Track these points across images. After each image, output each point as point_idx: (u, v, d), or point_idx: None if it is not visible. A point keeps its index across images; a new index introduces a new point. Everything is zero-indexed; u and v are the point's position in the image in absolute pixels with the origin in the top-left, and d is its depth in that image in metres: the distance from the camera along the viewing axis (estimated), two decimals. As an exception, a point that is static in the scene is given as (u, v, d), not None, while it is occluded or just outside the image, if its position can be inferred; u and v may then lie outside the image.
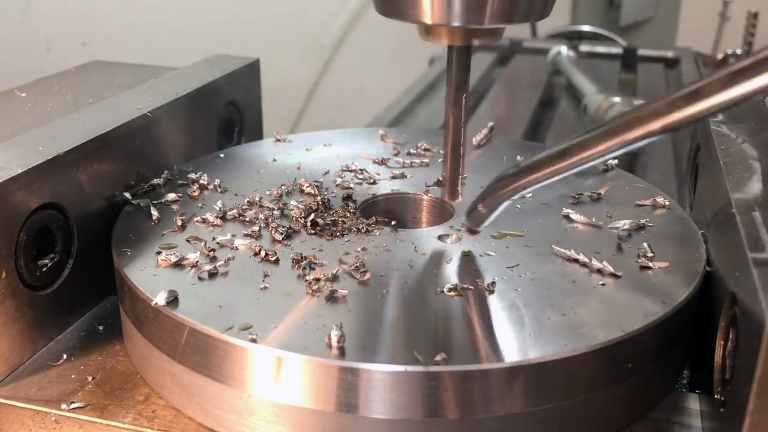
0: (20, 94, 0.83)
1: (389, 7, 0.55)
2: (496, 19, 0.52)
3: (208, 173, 0.72)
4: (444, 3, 0.51)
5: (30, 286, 0.57)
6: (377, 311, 0.52)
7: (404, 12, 0.53)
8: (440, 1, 0.51)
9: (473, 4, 0.51)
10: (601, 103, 1.11)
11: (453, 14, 0.52)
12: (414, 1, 0.52)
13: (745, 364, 0.42)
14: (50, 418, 0.53)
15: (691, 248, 0.60)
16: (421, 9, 0.52)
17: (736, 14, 2.95)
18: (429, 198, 0.71)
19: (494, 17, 0.52)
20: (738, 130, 0.67)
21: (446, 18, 0.52)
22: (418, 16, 0.53)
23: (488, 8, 0.51)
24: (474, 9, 0.51)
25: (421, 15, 0.52)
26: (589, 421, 0.51)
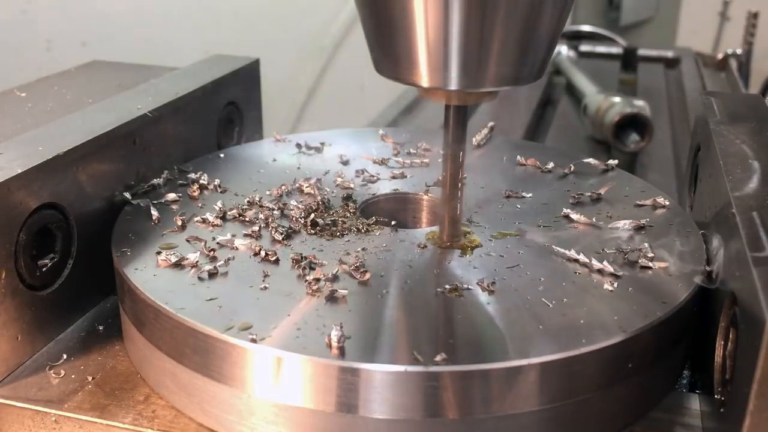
0: (20, 94, 0.83)
1: (387, 69, 0.55)
2: (492, 83, 0.52)
3: (208, 173, 0.72)
4: (440, 68, 0.52)
5: (30, 286, 0.57)
6: (377, 311, 0.52)
7: (401, 74, 0.54)
8: (437, 65, 0.52)
9: (470, 68, 0.51)
10: (601, 103, 1.11)
11: (450, 79, 0.52)
12: (411, 64, 0.53)
13: (746, 365, 0.42)
14: (50, 418, 0.53)
15: (691, 248, 0.60)
16: (418, 72, 0.53)
17: (736, 14, 2.95)
18: (429, 198, 0.71)
19: (491, 82, 0.52)
20: (738, 130, 0.67)
21: (443, 82, 0.52)
22: (415, 79, 0.53)
23: (485, 73, 0.52)
24: (470, 74, 0.52)
25: (418, 79, 0.53)
26: (589, 421, 0.51)
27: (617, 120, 1.05)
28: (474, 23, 0.49)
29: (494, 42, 0.50)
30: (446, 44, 0.50)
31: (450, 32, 0.50)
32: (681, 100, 1.42)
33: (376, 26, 0.54)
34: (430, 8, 0.49)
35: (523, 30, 0.51)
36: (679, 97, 1.44)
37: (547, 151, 0.82)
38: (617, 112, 1.06)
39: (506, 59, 0.51)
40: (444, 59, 0.51)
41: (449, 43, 0.50)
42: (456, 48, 0.50)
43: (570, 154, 0.80)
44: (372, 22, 0.54)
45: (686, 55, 1.71)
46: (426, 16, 0.50)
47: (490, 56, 0.51)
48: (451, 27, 0.49)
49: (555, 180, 0.74)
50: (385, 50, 0.54)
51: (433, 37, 0.50)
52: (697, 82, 1.52)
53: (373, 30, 0.54)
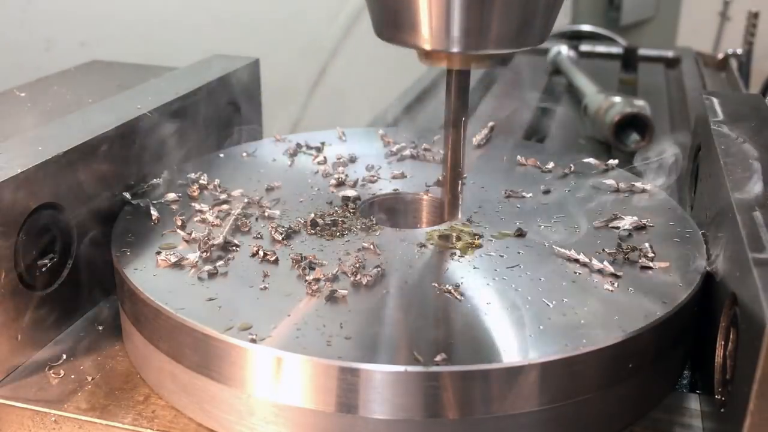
0: (20, 94, 0.83)
1: (388, 32, 0.55)
2: (495, 45, 0.52)
3: (208, 173, 0.72)
4: (443, 29, 0.51)
5: (30, 286, 0.57)
6: (377, 311, 0.52)
7: (403, 37, 0.53)
8: (439, 27, 0.51)
9: (472, 30, 0.51)
10: (601, 103, 1.11)
11: (452, 40, 0.52)
12: (413, 26, 0.52)
13: (746, 365, 0.42)
14: (50, 418, 0.53)
15: (692, 248, 0.60)
16: (420, 35, 0.52)
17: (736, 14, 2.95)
18: (429, 198, 0.71)
19: (494, 43, 0.52)
20: (738, 130, 0.67)
21: (445, 44, 0.52)
22: (417, 42, 0.53)
23: (488, 34, 0.51)
24: (473, 35, 0.51)
25: (420, 41, 0.52)
26: (589, 421, 0.51)
27: (617, 120, 1.05)
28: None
29: (496, 3, 0.50)
30: (448, 5, 0.50)
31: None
32: (681, 100, 1.41)
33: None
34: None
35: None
36: (679, 97, 1.44)
37: (547, 151, 0.82)
38: (617, 111, 1.06)
39: (508, 20, 0.51)
40: (446, 21, 0.51)
41: (451, 4, 0.50)
42: (458, 9, 0.50)
43: (570, 154, 0.80)
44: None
45: (686, 55, 1.71)
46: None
47: (492, 17, 0.50)
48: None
49: (555, 180, 0.74)
50: (387, 14, 0.53)
51: (435, 2, 0.50)
52: (698, 82, 1.52)
53: None
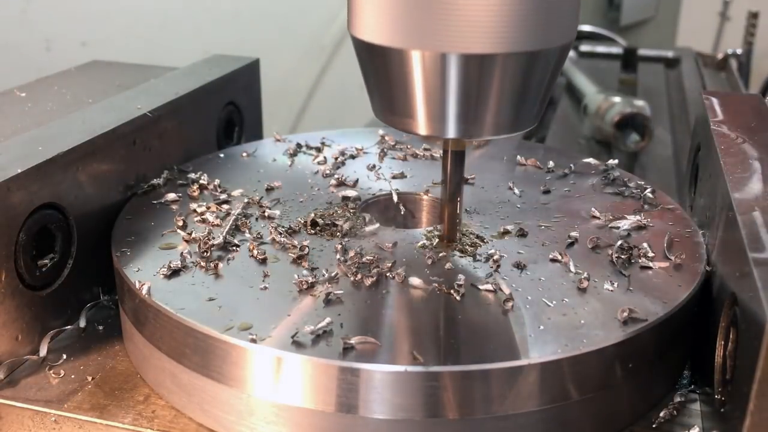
0: (20, 94, 0.83)
1: (386, 116, 0.56)
2: (491, 132, 0.53)
3: (208, 173, 0.72)
4: (438, 118, 0.52)
5: (30, 286, 0.57)
6: (377, 311, 0.52)
7: (400, 122, 0.54)
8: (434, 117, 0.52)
9: (468, 119, 0.52)
10: (601, 103, 1.11)
11: (447, 128, 0.53)
12: (409, 114, 0.53)
13: (746, 365, 0.42)
14: (50, 418, 0.53)
15: (691, 248, 0.60)
16: (416, 122, 0.53)
17: (736, 14, 2.95)
18: (429, 198, 0.71)
19: (488, 131, 0.53)
20: (738, 130, 0.67)
21: (440, 132, 0.53)
22: (414, 128, 0.54)
23: (483, 123, 0.52)
24: (468, 124, 0.52)
25: (416, 127, 0.53)
26: (589, 421, 0.51)
27: (617, 120, 1.05)
28: (471, 79, 0.50)
29: (491, 95, 0.51)
30: (444, 99, 0.51)
31: (447, 88, 0.50)
32: (681, 100, 1.41)
33: (375, 76, 0.54)
34: (428, 65, 0.50)
35: (519, 84, 0.51)
36: (679, 97, 1.44)
37: (547, 151, 0.82)
38: (617, 112, 1.06)
39: (503, 110, 0.52)
40: (441, 111, 0.52)
41: (447, 97, 0.51)
42: (453, 102, 0.51)
43: (570, 154, 0.80)
44: (370, 71, 0.55)
45: (686, 55, 1.71)
46: (424, 71, 0.50)
47: (487, 108, 0.52)
48: (449, 82, 0.50)
49: (555, 180, 0.74)
50: (383, 98, 0.55)
51: (431, 92, 0.51)
52: (697, 82, 1.52)
53: (372, 79, 0.55)
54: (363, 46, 0.53)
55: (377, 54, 0.52)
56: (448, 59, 0.49)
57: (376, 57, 0.52)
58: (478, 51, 0.48)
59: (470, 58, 0.49)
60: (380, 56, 0.52)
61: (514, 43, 0.48)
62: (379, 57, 0.52)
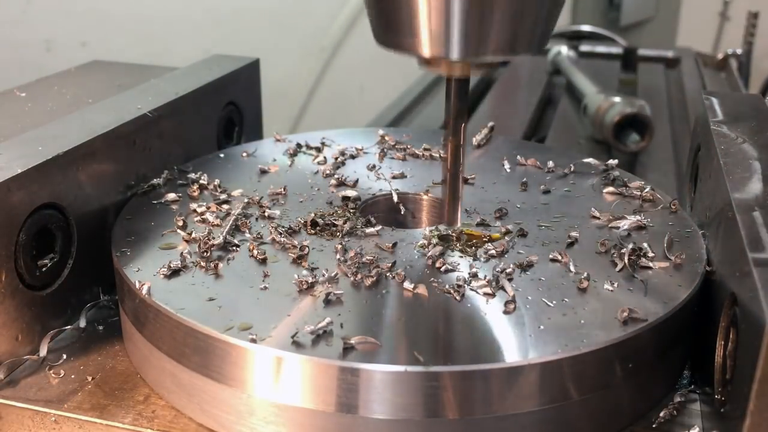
0: (20, 94, 0.83)
1: (388, 39, 0.54)
2: (495, 52, 0.52)
3: (208, 173, 0.72)
4: (442, 36, 0.51)
5: (30, 286, 0.57)
6: (377, 311, 0.52)
7: (402, 43, 0.53)
8: (439, 34, 0.51)
9: (472, 37, 0.51)
10: (601, 103, 1.11)
11: (452, 48, 0.51)
12: (412, 33, 0.52)
13: (746, 365, 0.42)
14: (50, 418, 0.53)
15: (691, 248, 0.60)
16: (420, 41, 0.52)
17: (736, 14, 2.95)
18: (429, 198, 0.71)
19: (494, 51, 0.51)
20: (738, 130, 0.67)
21: (445, 51, 0.52)
22: (417, 48, 0.52)
23: (488, 42, 0.51)
24: (473, 42, 0.51)
25: (419, 48, 0.52)
26: (589, 421, 0.51)
27: (617, 120, 1.05)
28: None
29: (496, 10, 0.50)
30: (448, 13, 0.50)
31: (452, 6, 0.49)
32: (681, 100, 1.41)
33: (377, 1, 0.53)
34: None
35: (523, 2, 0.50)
36: (679, 97, 1.44)
37: (547, 151, 0.82)
38: (617, 112, 1.06)
39: (508, 28, 0.51)
40: (445, 29, 0.50)
41: (451, 12, 0.49)
42: (458, 17, 0.50)
43: (570, 154, 0.80)
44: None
45: (686, 55, 1.71)
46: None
47: (492, 25, 0.50)
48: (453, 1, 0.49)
49: (555, 180, 0.74)
50: (387, 20, 0.53)
51: (434, 7, 0.50)
52: (697, 82, 1.52)
53: (374, 2, 0.54)
54: None
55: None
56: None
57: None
58: None
59: None
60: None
61: None
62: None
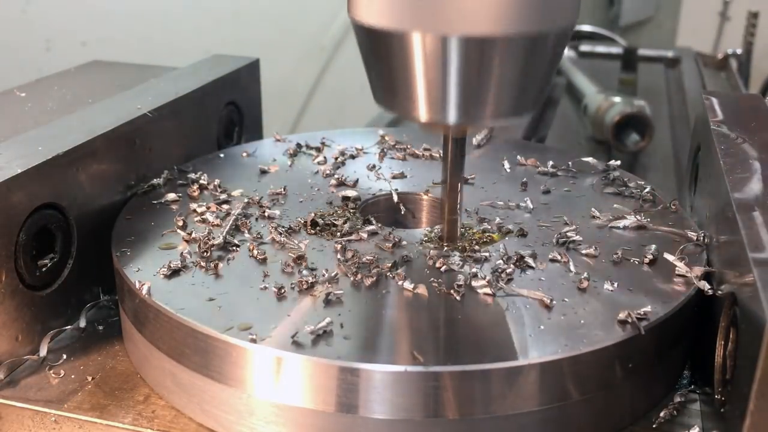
0: (20, 94, 0.83)
1: (386, 100, 0.55)
2: (492, 117, 0.52)
3: (208, 173, 0.72)
4: (440, 103, 0.51)
5: (30, 286, 0.57)
6: (377, 311, 0.52)
7: (401, 107, 0.54)
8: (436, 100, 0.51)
9: (469, 104, 0.51)
10: (601, 103, 1.11)
11: (449, 114, 0.52)
12: (410, 98, 0.52)
13: (746, 365, 0.42)
14: (50, 418, 0.53)
15: (691, 248, 0.60)
16: (417, 107, 0.52)
17: (736, 14, 2.95)
18: (429, 198, 0.71)
19: (491, 116, 0.52)
20: (738, 130, 0.67)
21: (442, 117, 0.52)
22: (414, 113, 0.53)
23: (485, 108, 0.51)
24: (470, 109, 0.51)
25: (416, 112, 0.53)
26: (590, 421, 0.51)
27: (617, 120, 1.05)
28: (472, 63, 0.49)
29: (492, 81, 0.50)
30: (444, 82, 0.50)
31: (448, 71, 0.50)
32: (681, 100, 1.41)
33: (375, 61, 0.54)
34: (429, 50, 0.49)
35: (520, 68, 0.51)
36: (679, 97, 1.44)
37: (547, 151, 0.82)
38: (617, 112, 1.06)
39: (504, 95, 0.51)
40: (443, 97, 0.51)
41: (448, 80, 0.50)
42: (454, 85, 0.50)
43: (570, 154, 0.80)
44: (371, 56, 0.54)
45: (686, 55, 1.71)
46: (425, 57, 0.50)
47: (488, 94, 0.51)
48: (450, 66, 0.49)
49: (555, 180, 0.74)
50: (384, 83, 0.54)
51: (431, 74, 0.50)
52: (698, 82, 1.52)
53: (373, 65, 0.54)
54: (363, 30, 0.52)
55: (377, 38, 0.51)
56: (448, 42, 0.48)
57: (377, 41, 0.52)
58: (479, 33, 0.48)
59: (470, 41, 0.48)
60: (380, 40, 0.51)
61: (514, 25, 0.48)
62: (379, 41, 0.51)
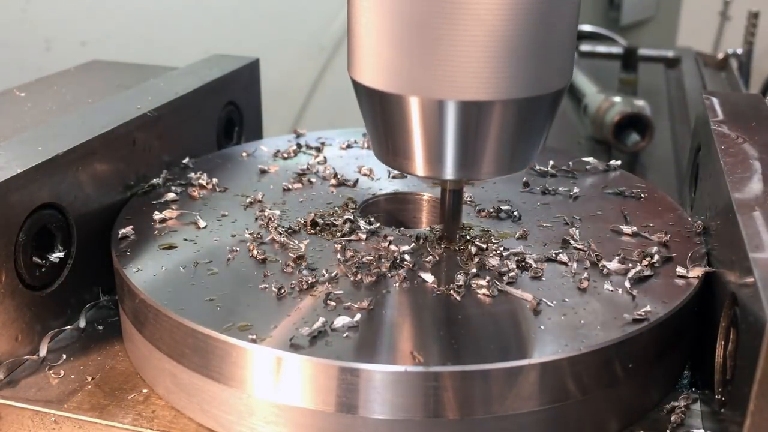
0: (20, 94, 0.83)
1: (385, 156, 0.57)
2: (488, 174, 0.54)
3: (208, 173, 0.72)
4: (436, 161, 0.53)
5: (30, 286, 0.57)
6: (377, 311, 0.52)
7: (399, 163, 0.55)
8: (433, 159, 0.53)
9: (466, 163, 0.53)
10: (601, 103, 1.11)
11: (445, 171, 0.54)
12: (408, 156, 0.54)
13: (746, 365, 0.42)
14: (50, 418, 0.53)
15: (691, 248, 0.60)
16: (415, 164, 0.54)
17: (736, 14, 2.95)
18: (429, 198, 0.71)
19: (487, 173, 0.54)
20: (738, 130, 0.67)
21: (439, 173, 0.54)
22: (412, 169, 0.55)
23: (481, 166, 0.53)
24: (467, 167, 0.53)
25: (414, 169, 0.55)
26: (590, 421, 0.51)
27: (617, 120, 1.05)
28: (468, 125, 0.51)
29: (488, 140, 0.52)
30: (441, 142, 0.52)
31: (445, 133, 0.51)
32: (681, 99, 1.41)
33: (374, 119, 0.55)
34: (425, 110, 0.51)
35: (515, 129, 0.52)
36: (679, 96, 1.44)
37: (547, 151, 0.82)
38: (618, 111, 1.06)
39: (500, 153, 0.53)
40: (439, 154, 0.53)
41: (445, 141, 0.52)
42: (451, 146, 0.52)
43: (570, 154, 0.80)
44: (369, 114, 0.55)
45: (687, 54, 1.71)
46: (422, 117, 0.51)
47: (484, 152, 0.53)
48: (447, 128, 0.51)
49: (555, 180, 0.74)
50: (383, 140, 0.56)
51: (428, 135, 0.52)
52: (698, 82, 1.52)
53: (371, 121, 0.56)
54: (362, 89, 0.54)
55: (376, 98, 0.53)
56: (445, 106, 0.50)
57: (375, 100, 0.53)
58: (474, 98, 0.49)
59: (467, 104, 0.50)
60: (379, 100, 0.53)
61: (509, 91, 0.50)
62: (377, 101, 0.53)
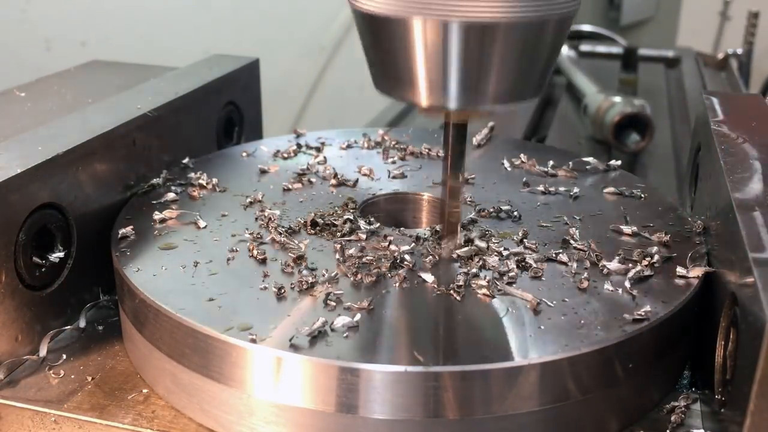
0: (20, 94, 0.83)
1: (386, 86, 0.55)
2: (494, 101, 0.52)
3: (208, 173, 0.72)
4: (440, 87, 0.51)
5: (30, 286, 0.57)
6: (377, 311, 0.52)
7: (401, 93, 0.53)
8: (436, 85, 0.51)
9: (470, 88, 0.51)
10: (601, 103, 1.11)
11: (450, 98, 0.51)
12: (410, 83, 0.52)
13: (746, 365, 0.42)
14: (50, 418, 0.53)
15: (691, 248, 0.60)
16: (418, 92, 0.52)
17: (736, 14, 2.95)
18: (429, 198, 0.71)
19: (493, 100, 0.52)
20: (738, 130, 0.67)
21: (443, 101, 0.52)
22: (415, 98, 0.53)
23: (486, 92, 0.51)
24: (471, 93, 0.51)
25: (417, 97, 0.52)
26: (590, 421, 0.51)
27: (617, 120, 1.05)
28: (472, 49, 0.49)
29: (492, 64, 0.50)
30: (445, 66, 0.50)
31: (449, 56, 0.50)
32: (681, 99, 1.41)
33: (375, 47, 0.53)
34: (429, 34, 0.49)
35: (521, 53, 0.50)
36: (679, 97, 1.44)
37: (547, 151, 0.82)
38: (618, 111, 1.06)
39: (504, 80, 0.51)
40: (443, 80, 0.51)
41: (448, 63, 0.50)
42: (455, 69, 0.50)
43: (570, 154, 0.80)
44: (371, 42, 0.54)
45: (687, 54, 1.71)
46: (425, 41, 0.50)
47: (489, 77, 0.51)
48: (450, 51, 0.49)
49: (555, 180, 0.74)
50: (384, 69, 0.54)
51: (432, 58, 0.50)
52: (698, 82, 1.52)
53: (372, 50, 0.54)
54: (363, 16, 0.52)
55: (378, 24, 0.51)
56: (449, 28, 0.48)
57: (377, 27, 0.51)
58: (478, 19, 0.48)
59: (471, 26, 0.48)
60: (381, 26, 0.51)
61: (515, 12, 0.48)
62: (379, 27, 0.51)
